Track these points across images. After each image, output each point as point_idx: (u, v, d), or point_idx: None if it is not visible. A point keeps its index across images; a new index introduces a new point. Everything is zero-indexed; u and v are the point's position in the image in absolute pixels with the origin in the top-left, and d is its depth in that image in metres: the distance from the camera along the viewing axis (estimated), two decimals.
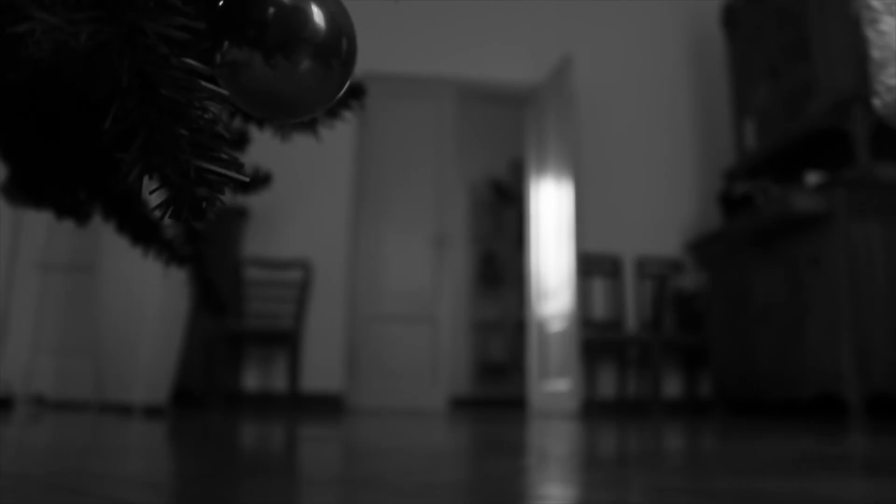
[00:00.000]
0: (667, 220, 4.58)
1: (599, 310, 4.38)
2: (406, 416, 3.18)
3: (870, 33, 3.16)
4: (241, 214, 4.16)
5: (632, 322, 4.43)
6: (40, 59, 0.28)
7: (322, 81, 0.36)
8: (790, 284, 3.33)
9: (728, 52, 4.40)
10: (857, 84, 3.27)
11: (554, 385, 4.41)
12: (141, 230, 0.84)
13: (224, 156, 0.33)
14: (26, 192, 0.73)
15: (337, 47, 0.36)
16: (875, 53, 3.16)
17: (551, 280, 4.47)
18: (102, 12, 0.28)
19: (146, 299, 2.97)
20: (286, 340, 3.98)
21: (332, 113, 0.71)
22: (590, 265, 4.37)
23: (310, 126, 0.71)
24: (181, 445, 1.15)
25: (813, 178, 3.38)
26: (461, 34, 4.76)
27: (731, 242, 3.88)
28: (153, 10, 0.28)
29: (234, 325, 3.89)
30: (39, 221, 4.11)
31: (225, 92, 0.32)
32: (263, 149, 4.13)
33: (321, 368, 4.22)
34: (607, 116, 4.70)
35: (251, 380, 4.18)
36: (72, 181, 0.74)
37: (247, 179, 0.35)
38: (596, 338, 4.17)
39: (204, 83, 0.31)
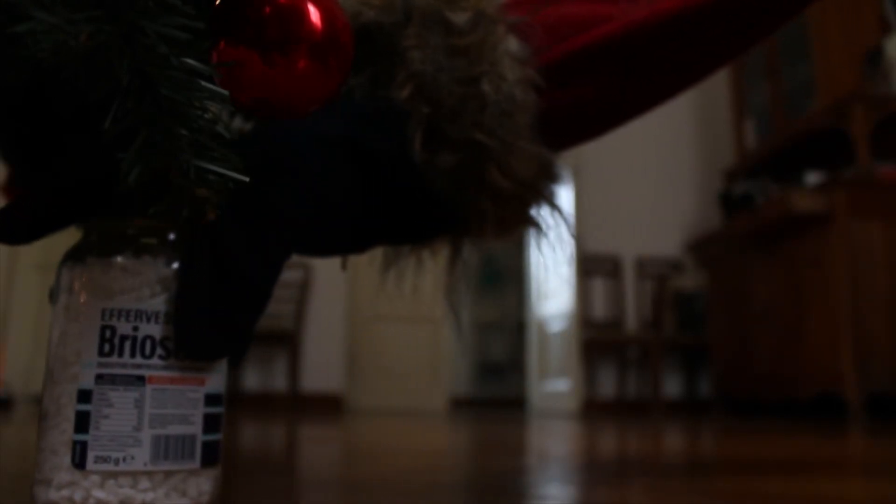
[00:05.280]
0: (667, 220, 4.57)
1: (599, 310, 4.38)
2: (406, 416, 3.18)
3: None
4: None
5: (632, 322, 4.43)
6: (40, 59, 0.28)
7: (320, 81, 0.36)
8: (790, 284, 3.33)
9: None
10: (856, 84, 3.26)
11: (554, 385, 4.42)
12: None
13: (224, 156, 0.33)
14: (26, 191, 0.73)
15: (335, 47, 0.36)
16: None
17: (551, 280, 4.47)
18: (102, 12, 0.28)
19: None
20: (286, 340, 3.98)
21: None
22: (590, 265, 4.37)
23: None
24: None
25: (813, 178, 3.38)
26: None
27: (731, 242, 3.88)
28: (153, 10, 0.28)
29: None
30: None
31: (225, 92, 0.32)
32: None
33: (321, 368, 4.22)
34: None
35: (251, 380, 4.18)
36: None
37: (247, 179, 0.35)
38: (596, 338, 4.16)
39: (204, 83, 0.31)
